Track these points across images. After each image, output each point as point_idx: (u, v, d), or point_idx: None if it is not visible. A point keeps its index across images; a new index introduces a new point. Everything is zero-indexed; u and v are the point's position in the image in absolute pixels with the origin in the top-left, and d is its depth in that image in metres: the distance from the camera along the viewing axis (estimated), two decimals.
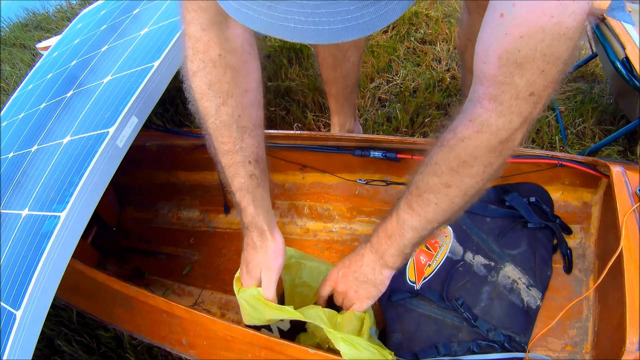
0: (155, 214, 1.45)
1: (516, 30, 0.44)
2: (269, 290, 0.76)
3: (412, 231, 0.66)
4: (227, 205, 1.35)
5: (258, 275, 0.76)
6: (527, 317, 0.93)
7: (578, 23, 0.44)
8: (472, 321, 0.93)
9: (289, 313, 0.75)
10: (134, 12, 1.23)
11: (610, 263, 0.77)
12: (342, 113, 1.39)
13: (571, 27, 0.43)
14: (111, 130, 0.85)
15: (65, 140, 0.93)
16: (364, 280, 0.73)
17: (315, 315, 0.77)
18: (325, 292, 0.79)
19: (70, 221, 0.77)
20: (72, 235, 0.78)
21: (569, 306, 0.85)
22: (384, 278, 0.73)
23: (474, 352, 0.91)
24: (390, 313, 0.98)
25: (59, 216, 0.77)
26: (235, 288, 0.81)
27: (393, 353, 0.88)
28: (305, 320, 0.76)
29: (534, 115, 0.52)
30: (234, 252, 1.27)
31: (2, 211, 0.92)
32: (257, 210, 0.73)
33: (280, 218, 1.28)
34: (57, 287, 0.74)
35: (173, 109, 1.80)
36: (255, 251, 0.75)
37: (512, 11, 0.44)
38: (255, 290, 0.78)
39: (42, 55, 1.53)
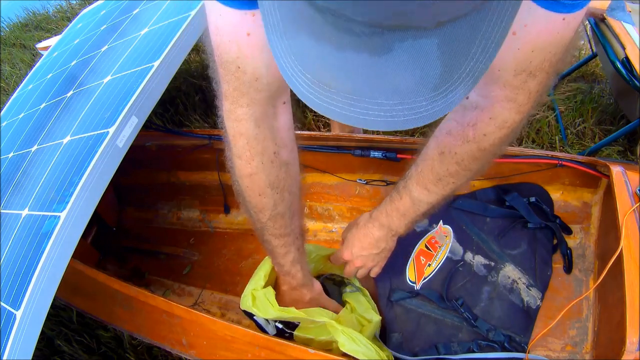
0: (155, 214, 1.45)
1: (528, 47, 0.50)
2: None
3: (427, 206, 0.73)
4: (227, 205, 1.35)
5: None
6: (527, 317, 0.93)
7: (576, 32, 0.50)
8: (472, 321, 0.93)
9: (293, 313, 0.78)
10: (134, 12, 1.23)
11: (610, 263, 0.77)
12: None
13: (571, 37, 0.50)
14: (111, 130, 0.85)
15: (65, 140, 0.93)
16: (378, 251, 0.82)
17: (318, 314, 0.80)
18: (339, 263, 0.88)
19: (70, 221, 0.77)
20: (72, 235, 0.78)
21: (569, 306, 0.85)
22: (394, 243, 0.83)
23: (473, 352, 0.91)
24: (390, 313, 0.98)
25: (59, 216, 0.77)
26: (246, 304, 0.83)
27: (391, 354, 0.89)
28: (309, 318, 0.79)
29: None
30: (234, 252, 1.27)
31: (2, 211, 0.92)
32: (304, 272, 0.82)
33: None
34: (57, 287, 0.74)
35: (173, 109, 1.80)
36: (307, 299, 0.85)
37: (524, 31, 0.49)
38: (269, 292, 0.81)
39: (42, 55, 1.53)
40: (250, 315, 0.84)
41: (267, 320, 0.85)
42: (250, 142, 0.62)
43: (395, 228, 0.78)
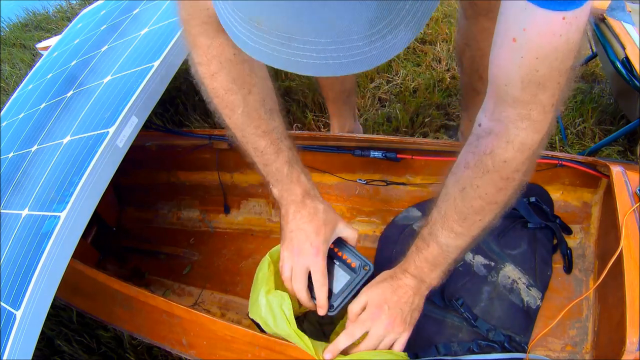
0: (155, 214, 1.45)
1: (531, 54, 0.47)
2: (355, 234, 0.78)
3: (457, 250, 0.69)
4: (227, 205, 1.35)
5: (329, 234, 0.74)
6: (527, 317, 0.93)
7: (582, 33, 0.47)
8: (472, 321, 0.93)
9: (303, 342, 0.73)
10: (134, 12, 1.23)
11: (610, 263, 0.77)
12: (341, 116, 1.39)
13: (577, 40, 0.47)
14: (111, 130, 0.85)
15: (65, 140, 0.93)
16: (412, 307, 0.74)
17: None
18: (357, 308, 0.74)
19: (70, 221, 0.77)
20: (72, 235, 0.78)
21: (570, 306, 0.85)
22: (423, 302, 0.76)
23: (473, 352, 0.91)
24: None
25: (59, 216, 0.77)
26: (253, 312, 0.81)
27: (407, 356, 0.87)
28: (316, 357, 0.74)
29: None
30: (234, 252, 1.27)
31: (2, 211, 0.92)
32: (307, 177, 0.74)
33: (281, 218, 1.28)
34: (57, 287, 0.74)
35: (173, 109, 1.80)
36: (320, 214, 0.73)
37: (524, 36, 0.46)
38: (285, 303, 0.76)
39: (42, 55, 1.53)
40: (257, 326, 0.83)
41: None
42: (207, 49, 0.66)
43: (428, 280, 0.72)
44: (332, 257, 0.78)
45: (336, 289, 0.77)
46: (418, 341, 0.94)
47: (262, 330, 0.84)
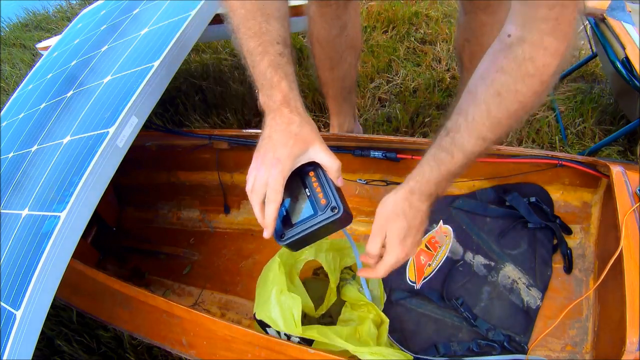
0: (155, 214, 1.45)
1: None
2: (334, 163, 0.68)
3: (475, 158, 0.66)
4: (227, 205, 1.35)
5: (297, 151, 0.66)
6: (527, 317, 0.93)
7: None
8: (472, 321, 0.93)
9: (310, 335, 0.77)
10: (134, 12, 1.23)
11: (610, 263, 0.77)
12: (341, 114, 1.39)
13: None
14: (111, 130, 0.85)
15: (65, 140, 0.93)
16: (422, 231, 0.71)
17: (336, 337, 0.78)
18: (376, 248, 0.71)
19: (70, 221, 0.77)
20: (72, 235, 0.78)
21: (570, 307, 0.85)
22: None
23: (473, 352, 0.91)
24: (390, 313, 0.98)
25: (59, 216, 0.77)
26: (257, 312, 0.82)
27: (412, 356, 0.89)
28: (327, 341, 0.77)
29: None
30: (234, 252, 1.27)
31: (2, 211, 0.92)
32: (291, 85, 0.67)
33: None
34: (57, 287, 0.74)
35: (173, 109, 1.80)
36: (293, 125, 0.66)
37: None
38: (295, 303, 0.78)
39: (42, 55, 1.53)
40: (262, 326, 0.84)
41: (278, 332, 0.84)
42: None
43: (441, 193, 0.69)
44: (305, 184, 0.69)
45: (296, 219, 0.68)
46: (418, 341, 0.94)
47: (265, 331, 0.84)
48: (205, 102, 1.84)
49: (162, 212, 1.44)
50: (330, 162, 0.67)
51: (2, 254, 0.82)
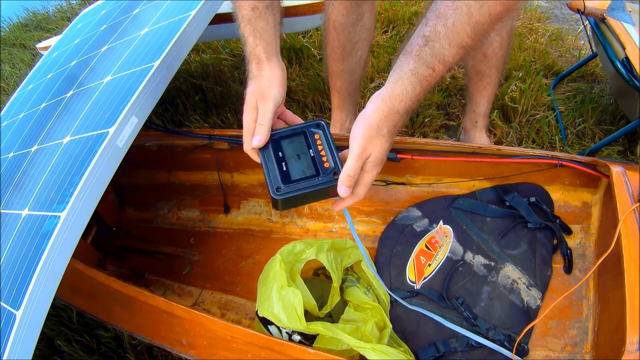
0: (155, 214, 1.45)
1: None
2: (265, 118, 0.71)
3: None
4: (227, 205, 1.35)
5: (254, 103, 0.73)
6: (527, 317, 0.93)
7: None
8: (472, 320, 0.93)
9: (314, 329, 0.77)
10: (134, 12, 1.23)
11: (604, 257, 0.77)
12: (344, 109, 1.38)
13: None
14: (111, 130, 0.85)
15: (65, 140, 0.93)
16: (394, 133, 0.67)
17: (340, 332, 0.80)
18: (359, 170, 0.66)
19: (70, 221, 0.77)
20: (72, 235, 0.77)
21: (555, 303, 0.85)
22: None
23: (472, 347, 0.91)
24: (390, 313, 0.98)
25: (59, 216, 0.77)
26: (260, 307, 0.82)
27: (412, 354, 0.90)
28: (332, 335, 0.78)
29: None
30: (234, 252, 1.27)
31: (2, 211, 0.92)
32: (255, 41, 0.73)
33: (280, 218, 1.28)
34: (57, 287, 0.74)
35: (173, 109, 1.80)
36: (252, 80, 0.74)
37: None
38: (297, 297, 0.79)
39: (42, 55, 1.53)
40: (264, 323, 0.84)
41: (279, 330, 0.84)
42: None
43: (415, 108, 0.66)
44: (309, 145, 0.70)
45: (296, 176, 0.68)
46: (418, 341, 0.94)
47: (267, 329, 0.84)
48: (205, 102, 1.84)
49: (162, 212, 1.44)
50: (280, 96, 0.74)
51: (2, 254, 0.82)
